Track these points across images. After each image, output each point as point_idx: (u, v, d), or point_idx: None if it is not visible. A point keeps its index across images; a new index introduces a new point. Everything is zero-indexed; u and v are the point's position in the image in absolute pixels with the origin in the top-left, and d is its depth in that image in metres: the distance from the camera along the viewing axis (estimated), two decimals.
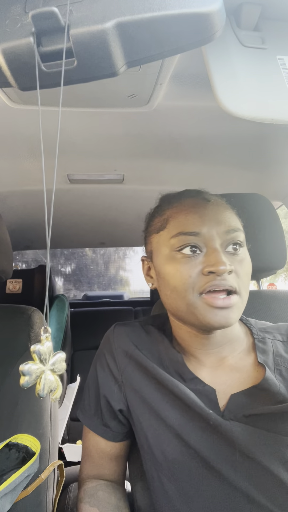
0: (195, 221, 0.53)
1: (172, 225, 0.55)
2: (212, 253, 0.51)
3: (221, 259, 0.50)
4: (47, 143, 0.82)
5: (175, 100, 0.69)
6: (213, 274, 0.50)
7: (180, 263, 0.52)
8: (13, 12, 0.35)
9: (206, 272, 0.50)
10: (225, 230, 0.53)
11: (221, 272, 0.49)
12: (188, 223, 0.53)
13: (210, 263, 0.50)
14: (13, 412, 0.64)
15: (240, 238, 0.54)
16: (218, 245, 0.52)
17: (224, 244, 0.53)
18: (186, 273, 0.51)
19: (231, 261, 0.52)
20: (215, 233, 0.52)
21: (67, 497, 0.73)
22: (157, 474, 0.56)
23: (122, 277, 3.98)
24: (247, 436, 0.50)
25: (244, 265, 0.54)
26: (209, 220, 0.53)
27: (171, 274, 0.53)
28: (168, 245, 0.55)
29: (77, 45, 0.35)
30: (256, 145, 0.92)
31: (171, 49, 0.38)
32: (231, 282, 0.50)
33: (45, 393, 0.34)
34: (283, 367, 0.55)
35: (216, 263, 0.50)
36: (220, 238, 0.53)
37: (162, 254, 0.56)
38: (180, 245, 0.53)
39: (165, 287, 0.55)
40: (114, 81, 0.60)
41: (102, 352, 0.66)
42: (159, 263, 0.56)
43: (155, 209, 0.63)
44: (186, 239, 0.52)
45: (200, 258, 0.52)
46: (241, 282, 0.52)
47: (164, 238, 0.56)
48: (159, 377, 0.58)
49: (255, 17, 0.48)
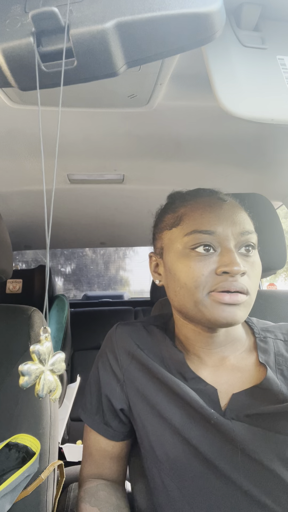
0: (210, 220, 0.53)
1: (186, 223, 0.55)
2: (226, 253, 0.51)
3: (235, 260, 0.50)
4: (47, 143, 0.83)
5: (175, 100, 0.69)
6: (226, 274, 0.50)
7: (193, 261, 0.52)
8: (13, 12, 0.35)
9: (220, 272, 0.50)
10: (240, 231, 0.53)
11: (235, 272, 0.49)
12: (203, 222, 0.53)
13: (224, 263, 0.50)
14: (13, 412, 0.64)
15: (253, 241, 0.54)
16: (232, 246, 0.52)
17: (238, 245, 0.53)
18: (198, 271, 0.51)
19: (244, 262, 0.52)
20: (230, 234, 0.52)
21: (67, 497, 0.73)
22: (158, 473, 0.56)
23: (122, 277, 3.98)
24: (248, 435, 0.50)
25: (255, 267, 0.54)
26: (225, 220, 0.53)
27: (183, 271, 0.53)
28: (182, 242, 0.54)
29: (77, 45, 0.35)
30: (256, 145, 0.92)
31: (171, 49, 0.38)
32: (242, 284, 0.50)
33: (44, 394, 0.34)
34: (284, 366, 0.55)
35: (230, 264, 0.49)
36: (234, 239, 0.53)
37: (174, 251, 0.56)
38: (194, 243, 0.53)
39: (175, 283, 0.55)
40: (114, 81, 0.60)
41: (104, 351, 0.66)
42: (171, 260, 0.56)
43: (166, 206, 0.63)
44: (201, 237, 0.52)
45: (214, 257, 0.52)
46: (251, 284, 0.52)
47: (177, 235, 0.56)
48: (161, 377, 0.58)
49: (255, 17, 0.48)
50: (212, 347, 0.57)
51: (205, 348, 0.58)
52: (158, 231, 0.62)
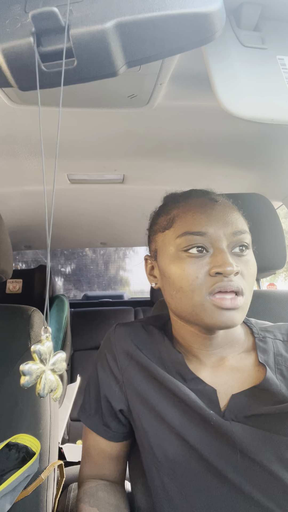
0: (202, 221, 0.53)
1: (178, 225, 0.55)
2: (219, 254, 0.51)
3: (228, 260, 0.49)
4: (47, 143, 0.82)
5: (175, 100, 0.69)
6: (220, 275, 0.50)
7: (186, 263, 0.52)
8: (13, 12, 0.35)
9: (213, 273, 0.50)
10: (232, 231, 0.53)
11: (228, 273, 0.49)
12: (195, 223, 0.53)
13: (217, 264, 0.50)
14: (13, 412, 0.64)
15: (246, 240, 0.54)
16: (224, 246, 0.52)
17: (231, 246, 0.53)
18: (192, 273, 0.51)
19: (237, 262, 0.52)
20: (222, 234, 0.52)
21: (67, 497, 0.73)
22: (158, 473, 0.56)
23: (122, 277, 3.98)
24: (247, 436, 0.50)
25: (250, 266, 0.53)
26: (216, 220, 0.53)
27: (177, 274, 0.53)
28: (174, 244, 0.54)
29: (77, 45, 0.35)
30: (256, 145, 0.92)
31: (171, 49, 0.38)
32: (237, 283, 0.50)
33: (45, 393, 0.34)
34: (283, 366, 0.55)
35: (223, 264, 0.49)
36: (227, 239, 0.52)
37: (167, 254, 0.55)
38: (186, 245, 0.52)
39: (170, 287, 0.55)
40: (114, 81, 0.60)
41: (103, 352, 0.66)
42: (164, 263, 0.56)
43: (160, 208, 0.63)
44: (193, 239, 0.52)
45: (207, 258, 0.52)
46: (246, 284, 0.52)
47: (170, 237, 0.56)
48: (160, 377, 0.58)
49: (255, 17, 0.48)
50: (211, 348, 0.57)
51: (203, 349, 0.58)
52: (152, 233, 0.62)
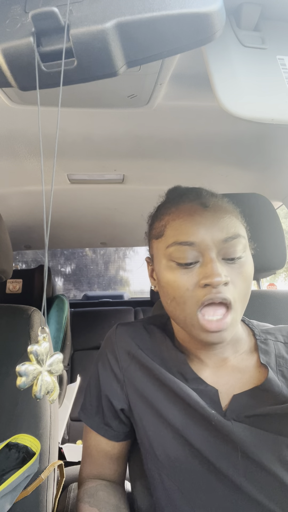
0: (189, 230, 0.51)
1: (168, 233, 0.54)
2: (207, 264, 0.50)
3: (216, 271, 0.48)
4: (47, 143, 0.82)
5: (175, 100, 0.69)
6: (209, 286, 0.49)
7: (177, 274, 0.52)
8: (13, 12, 0.35)
9: (202, 285, 0.49)
10: (223, 238, 0.51)
11: (216, 284, 0.48)
12: (182, 232, 0.52)
13: (206, 275, 0.49)
14: (13, 412, 0.64)
15: (239, 246, 0.52)
16: (214, 255, 0.50)
17: (221, 253, 0.51)
18: (183, 285, 0.51)
19: (229, 270, 0.51)
20: (211, 242, 0.51)
21: (67, 497, 0.73)
22: (159, 473, 0.56)
23: (122, 277, 3.98)
24: (248, 436, 0.50)
25: (243, 273, 0.52)
26: (205, 228, 0.51)
27: (170, 284, 0.52)
28: (165, 254, 0.54)
29: (77, 45, 0.35)
30: (256, 145, 0.92)
31: (171, 49, 0.38)
32: (226, 294, 0.49)
33: (41, 395, 0.34)
34: (285, 368, 0.55)
35: (211, 275, 0.48)
36: (216, 247, 0.51)
37: (160, 262, 0.55)
38: (176, 255, 0.52)
39: (165, 295, 0.55)
40: (114, 81, 0.60)
41: (104, 351, 0.66)
42: (159, 270, 0.56)
43: (156, 211, 0.62)
44: (181, 249, 0.51)
45: (196, 269, 0.51)
46: (237, 294, 0.51)
47: (161, 246, 0.55)
48: (161, 377, 0.58)
49: (255, 17, 0.48)
50: (210, 350, 0.57)
51: (203, 350, 0.58)
52: (150, 239, 0.61)
